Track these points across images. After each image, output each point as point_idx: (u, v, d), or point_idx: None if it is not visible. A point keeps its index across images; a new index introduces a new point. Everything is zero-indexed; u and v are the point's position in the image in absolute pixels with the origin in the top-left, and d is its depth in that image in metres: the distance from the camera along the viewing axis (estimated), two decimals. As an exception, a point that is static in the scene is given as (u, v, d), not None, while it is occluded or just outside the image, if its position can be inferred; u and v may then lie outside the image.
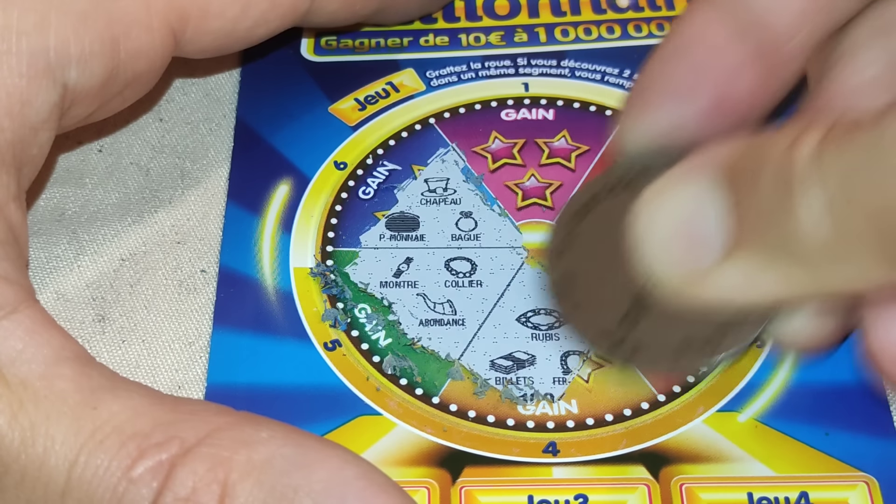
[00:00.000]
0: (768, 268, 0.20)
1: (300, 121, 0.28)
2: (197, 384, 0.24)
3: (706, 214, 0.20)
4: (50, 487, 0.19)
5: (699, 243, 0.20)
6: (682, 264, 0.21)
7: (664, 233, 0.21)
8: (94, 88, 0.23)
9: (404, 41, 0.30)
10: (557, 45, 0.30)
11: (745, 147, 0.20)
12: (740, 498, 0.22)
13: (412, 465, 0.23)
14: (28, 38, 0.22)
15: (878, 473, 0.22)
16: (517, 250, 0.26)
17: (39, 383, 0.20)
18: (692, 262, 0.21)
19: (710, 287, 0.21)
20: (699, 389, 0.24)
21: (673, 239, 0.21)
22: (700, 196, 0.20)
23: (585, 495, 0.22)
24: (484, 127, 0.28)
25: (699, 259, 0.21)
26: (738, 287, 0.20)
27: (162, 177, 0.28)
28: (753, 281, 0.20)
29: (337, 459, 0.19)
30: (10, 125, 0.22)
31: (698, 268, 0.21)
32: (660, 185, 0.21)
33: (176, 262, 0.26)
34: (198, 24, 0.24)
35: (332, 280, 0.26)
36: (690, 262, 0.21)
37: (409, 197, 0.27)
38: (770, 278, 0.20)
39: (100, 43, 0.23)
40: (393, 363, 0.24)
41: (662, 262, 0.21)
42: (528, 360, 0.24)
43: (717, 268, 0.20)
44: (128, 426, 0.19)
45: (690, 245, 0.21)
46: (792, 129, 0.19)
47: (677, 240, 0.21)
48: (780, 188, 0.19)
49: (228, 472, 0.19)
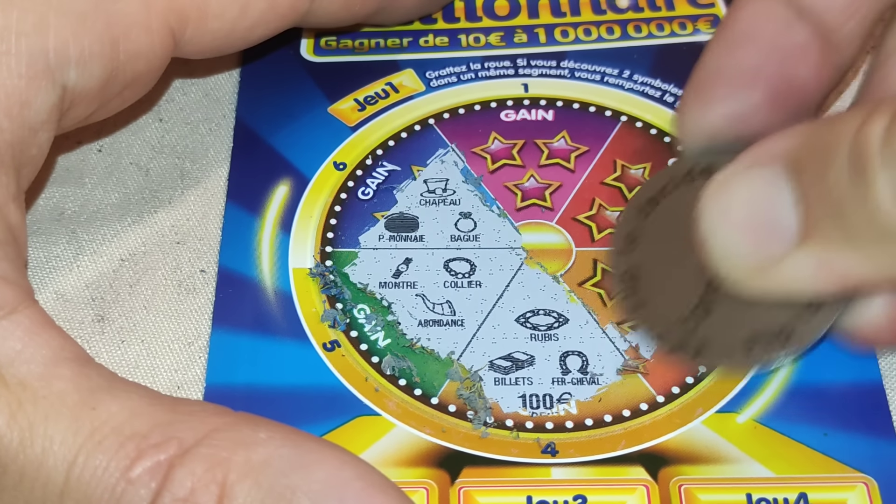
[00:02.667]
0: (844, 252, 0.19)
1: (300, 121, 0.28)
2: (196, 384, 0.24)
3: (777, 202, 0.20)
4: (48, 488, 0.19)
5: (772, 232, 0.20)
6: (756, 254, 0.21)
7: (735, 223, 0.21)
8: (93, 89, 0.23)
9: (404, 42, 0.30)
10: (557, 46, 0.30)
11: (811, 132, 0.20)
12: (739, 499, 0.22)
13: (411, 466, 0.23)
14: (27, 39, 0.22)
15: (877, 474, 0.22)
16: (516, 251, 0.26)
17: (38, 384, 0.20)
18: (766, 250, 0.20)
19: (785, 275, 0.21)
20: (698, 390, 0.24)
21: (745, 229, 0.21)
22: (769, 184, 0.20)
23: (584, 496, 0.22)
24: (483, 128, 0.28)
25: (773, 247, 0.20)
26: (814, 274, 0.20)
27: (161, 177, 0.28)
28: (829, 267, 0.20)
29: (335, 460, 0.19)
30: (9, 126, 0.22)
31: (772, 256, 0.20)
32: (726, 175, 0.21)
33: (175, 263, 0.26)
34: (197, 24, 0.24)
35: (332, 280, 0.26)
36: (764, 251, 0.21)
37: (408, 197, 0.27)
38: (846, 263, 0.20)
39: (99, 44, 0.23)
40: (392, 364, 0.24)
41: (735, 253, 0.21)
42: (526, 360, 0.24)
43: (792, 255, 0.20)
44: (126, 427, 0.19)
45: (763, 234, 0.20)
46: (858, 112, 0.19)
47: (749, 229, 0.21)
48: (854, 171, 0.18)
49: (227, 472, 0.19)
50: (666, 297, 0.22)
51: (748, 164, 0.21)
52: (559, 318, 0.25)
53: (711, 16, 0.30)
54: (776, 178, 0.20)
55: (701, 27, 0.30)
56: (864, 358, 0.24)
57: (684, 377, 0.24)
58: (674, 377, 0.24)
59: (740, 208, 0.21)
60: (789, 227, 0.20)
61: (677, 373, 0.24)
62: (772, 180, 0.20)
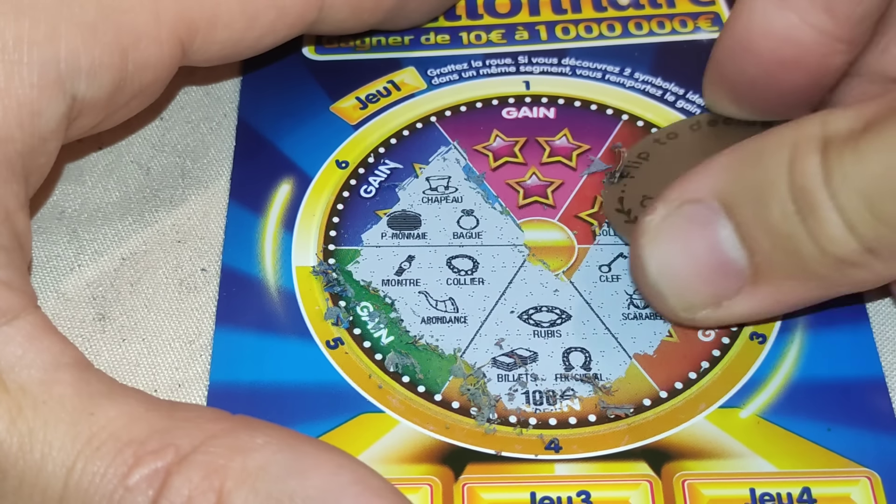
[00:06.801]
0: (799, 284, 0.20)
1: (302, 120, 0.28)
2: (197, 383, 0.24)
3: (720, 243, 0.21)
4: (48, 493, 0.19)
5: (721, 273, 0.21)
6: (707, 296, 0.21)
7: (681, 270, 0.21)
8: (101, 99, 0.23)
9: (405, 39, 0.30)
10: (558, 44, 0.30)
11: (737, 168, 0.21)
12: (742, 494, 0.22)
13: (414, 463, 0.23)
14: (39, 49, 0.22)
15: (881, 469, 0.22)
16: (519, 248, 0.26)
17: (38, 389, 0.20)
18: (717, 292, 0.21)
19: (738, 309, 0.21)
20: (701, 386, 0.24)
21: (692, 274, 0.21)
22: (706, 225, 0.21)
23: (588, 492, 0.22)
24: (485, 125, 0.28)
25: (724, 288, 0.21)
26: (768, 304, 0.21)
27: (162, 175, 0.28)
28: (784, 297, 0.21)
29: (332, 464, 0.19)
30: (20, 135, 0.22)
31: (724, 295, 0.21)
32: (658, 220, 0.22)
33: (176, 261, 0.26)
34: (206, 34, 0.24)
35: (334, 278, 0.26)
36: (715, 292, 0.21)
37: (410, 195, 0.27)
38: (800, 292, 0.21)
39: (109, 54, 0.23)
40: (395, 361, 0.24)
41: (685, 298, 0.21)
42: (529, 357, 0.24)
43: (745, 292, 0.21)
44: (124, 433, 0.19)
45: (713, 277, 0.21)
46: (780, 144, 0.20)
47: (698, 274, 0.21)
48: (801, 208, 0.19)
49: (224, 479, 0.19)
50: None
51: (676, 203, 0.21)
52: (562, 314, 0.25)
53: (712, 13, 0.30)
54: (712, 218, 0.21)
55: (702, 25, 0.30)
56: (867, 353, 0.24)
57: (687, 372, 0.24)
58: (677, 373, 0.24)
59: (684, 254, 0.21)
60: (738, 266, 0.21)
61: (680, 368, 0.24)
62: (708, 221, 0.21)
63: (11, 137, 0.22)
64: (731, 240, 0.20)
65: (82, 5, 0.22)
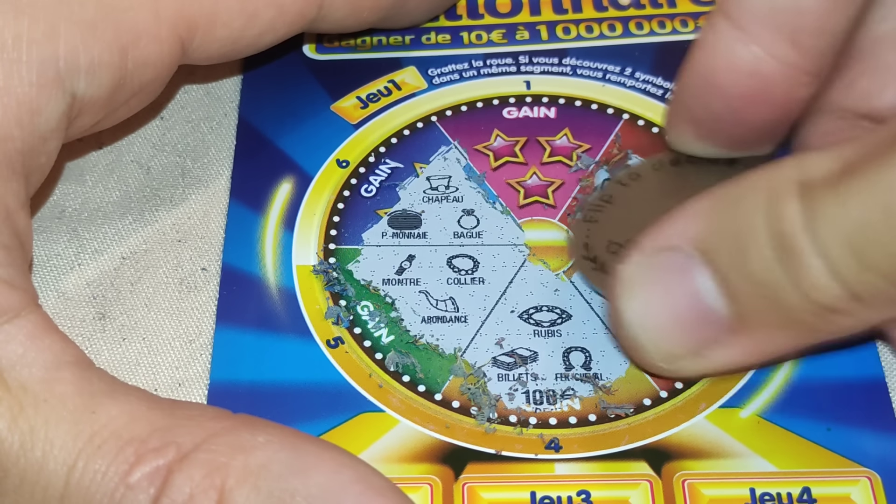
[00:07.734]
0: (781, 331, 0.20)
1: (302, 119, 0.28)
2: (197, 382, 0.24)
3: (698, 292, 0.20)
4: (49, 492, 0.19)
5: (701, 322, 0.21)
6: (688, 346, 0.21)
7: (660, 320, 0.21)
8: (101, 98, 0.23)
9: (406, 39, 0.30)
10: (559, 43, 0.30)
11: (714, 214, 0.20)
12: (743, 494, 0.22)
13: (415, 462, 0.23)
14: (38, 47, 0.22)
15: (881, 469, 0.22)
16: (519, 248, 0.26)
17: (39, 387, 0.20)
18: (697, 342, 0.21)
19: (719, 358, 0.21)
20: (701, 386, 0.24)
21: (671, 324, 0.21)
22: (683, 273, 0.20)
23: (588, 491, 0.22)
24: (486, 125, 0.28)
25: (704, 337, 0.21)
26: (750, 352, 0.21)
27: (163, 175, 0.28)
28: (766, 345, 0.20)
29: (333, 462, 0.19)
30: (20, 134, 0.22)
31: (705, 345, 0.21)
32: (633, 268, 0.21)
33: (176, 261, 0.26)
34: (205, 32, 0.24)
35: (335, 277, 0.26)
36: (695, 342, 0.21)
37: (411, 195, 0.27)
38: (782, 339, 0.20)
39: (108, 53, 0.23)
40: (395, 360, 0.24)
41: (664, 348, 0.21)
42: (530, 356, 0.24)
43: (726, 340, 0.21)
44: (125, 431, 0.19)
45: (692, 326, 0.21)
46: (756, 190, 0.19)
47: (677, 324, 0.21)
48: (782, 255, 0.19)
49: (225, 477, 0.19)
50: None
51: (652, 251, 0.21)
52: (562, 314, 0.25)
53: (712, 14, 0.30)
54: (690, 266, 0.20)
55: (702, 25, 0.30)
56: (867, 353, 0.24)
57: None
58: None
59: (661, 303, 0.21)
60: (718, 315, 0.20)
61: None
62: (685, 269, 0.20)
63: (11, 136, 0.22)
64: (710, 288, 0.20)
65: (82, 3, 0.22)
